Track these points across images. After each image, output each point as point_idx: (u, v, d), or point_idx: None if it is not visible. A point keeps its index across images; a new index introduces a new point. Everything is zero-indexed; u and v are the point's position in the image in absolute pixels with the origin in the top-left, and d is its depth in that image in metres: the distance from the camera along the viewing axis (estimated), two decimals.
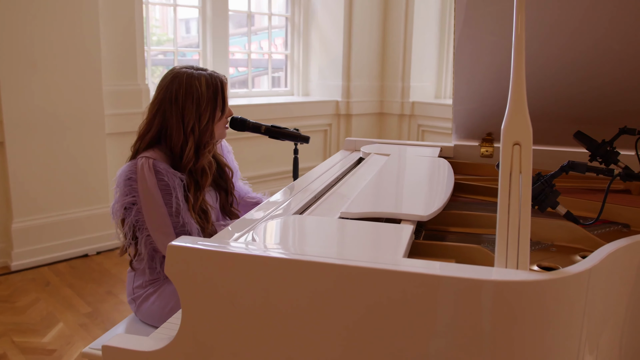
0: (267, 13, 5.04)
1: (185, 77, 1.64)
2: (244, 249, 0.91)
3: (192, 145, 1.63)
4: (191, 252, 0.94)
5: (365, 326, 0.85)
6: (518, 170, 0.95)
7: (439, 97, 5.40)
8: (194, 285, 0.94)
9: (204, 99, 1.63)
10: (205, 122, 1.65)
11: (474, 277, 0.83)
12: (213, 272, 0.93)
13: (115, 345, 1.03)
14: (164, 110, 1.63)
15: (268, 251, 0.90)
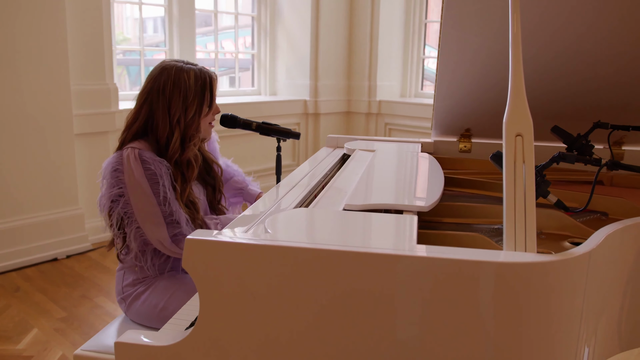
0: (234, 12, 5.02)
1: (174, 69, 1.64)
2: (267, 241, 0.93)
3: (177, 136, 1.63)
4: (210, 245, 0.95)
5: (394, 312, 0.89)
6: (521, 160, 1.00)
7: (404, 95, 5.51)
8: (212, 278, 0.95)
9: (192, 92, 1.63)
10: (191, 115, 1.64)
11: (492, 260, 0.88)
12: (233, 264, 0.94)
13: (128, 342, 1.03)
14: (151, 100, 1.63)
15: (291, 242, 0.92)
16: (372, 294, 0.89)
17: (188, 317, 1.25)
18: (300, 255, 0.90)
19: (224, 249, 0.94)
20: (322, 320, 0.92)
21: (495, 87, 1.91)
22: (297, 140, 1.96)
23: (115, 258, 3.36)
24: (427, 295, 0.89)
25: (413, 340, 0.90)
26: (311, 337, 0.93)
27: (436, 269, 0.88)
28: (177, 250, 1.61)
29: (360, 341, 0.91)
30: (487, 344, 0.89)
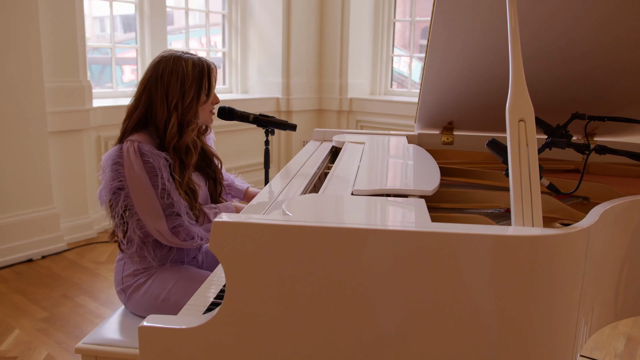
0: (205, 10, 5.01)
1: (172, 57, 1.68)
2: (295, 222, 0.98)
3: (175, 121, 1.66)
4: (238, 227, 0.98)
5: (418, 285, 0.95)
6: (525, 143, 1.08)
7: (374, 93, 5.61)
8: (240, 259, 0.99)
9: (189, 78, 1.67)
10: (188, 100, 1.67)
11: (508, 234, 0.95)
12: (261, 244, 0.98)
13: (152, 325, 1.05)
14: (150, 88, 1.66)
15: (319, 222, 0.97)
16: (398, 270, 0.95)
17: (201, 303, 1.28)
18: (327, 235, 0.95)
19: (252, 230, 0.98)
20: (350, 296, 0.97)
21: (477, 81, 2.01)
22: (293, 131, 1.99)
23: (94, 257, 3.36)
24: (447, 267, 0.95)
25: (436, 309, 0.96)
26: (341, 314, 0.98)
27: (456, 244, 0.94)
28: (177, 242, 1.63)
29: (389, 315, 0.97)
30: (500, 314, 0.96)
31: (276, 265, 0.98)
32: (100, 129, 3.82)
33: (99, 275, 3.20)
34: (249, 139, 4.93)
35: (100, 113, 3.77)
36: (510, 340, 0.98)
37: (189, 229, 1.62)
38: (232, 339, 1.02)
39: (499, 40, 1.80)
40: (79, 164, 3.65)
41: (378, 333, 0.97)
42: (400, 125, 4.95)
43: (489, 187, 1.75)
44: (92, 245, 3.66)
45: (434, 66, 1.89)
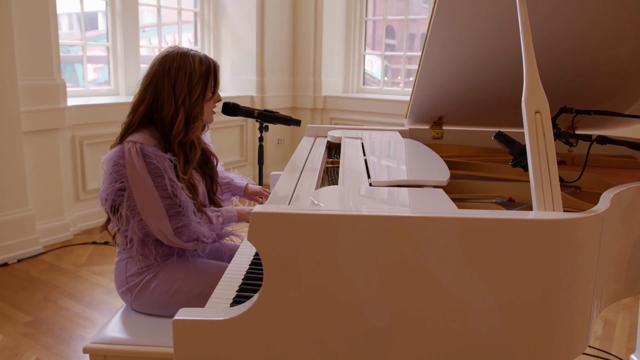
0: (177, 8, 4.95)
1: (179, 53, 1.68)
2: (333, 211, 1.00)
3: (182, 117, 1.66)
4: (278, 217, 1.00)
5: (454, 269, 0.99)
6: (542, 133, 1.14)
7: (347, 91, 5.67)
8: (279, 249, 1.01)
9: (197, 74, 1.67)
10: (195, 96, 1.67)
11: (537, 218, 1.00)
12: (301, 234, 1.00)
13: (187, 318, 1.06)
14: (157, 82, 1.65)
15: (360, 211, 1.00)
16: (444, 254, 0.99)
17: (225, 296, 1.29)
18: (367, 223, 0.98)
19: (292, 220, 1.00)
20: (389, 283, 1.00)
21: (469, 78, 2.08)
22: (297, 126, 2.01)
23: (73, 259, 3.29)
24: (481, 251, 1.00)
25: (470, 293, 1.01)
26: (381, 300, 1.01)
27: (499, 228, 0.99)
28: (179, 243, 1.63)
29: (427, 299, 1.00)
30: (530, 290, 1.02)
31: (315, 253, 1.00)
32: (75, 128, 3.73)
33: (80, 277, 3.13)
34: (225, 137, 4.91)
35: (75, 112, 3.69)
36: (537, 315, 1.04)
37: (193, 230, 1.61)
38: (271, 328, 1.03)
39: (493, 38, 1.88)
40: (54, 165, 3.56)
41: (421, 316, 1.01)
42: (374, 122, 5.02)
43: (486, 178, 1.82)
44: (70, 247, 3.57)
45: (430, 63, 1.94)
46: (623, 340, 2.51)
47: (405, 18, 5.34)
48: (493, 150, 2.22)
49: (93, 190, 3.92)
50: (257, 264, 1.48)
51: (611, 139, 1.61)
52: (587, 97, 2.22)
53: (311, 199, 1.13)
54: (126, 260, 1.72)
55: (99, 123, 3.89)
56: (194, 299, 1.65)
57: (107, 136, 3.96)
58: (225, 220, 1.72)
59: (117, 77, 4.44)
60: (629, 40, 2.07)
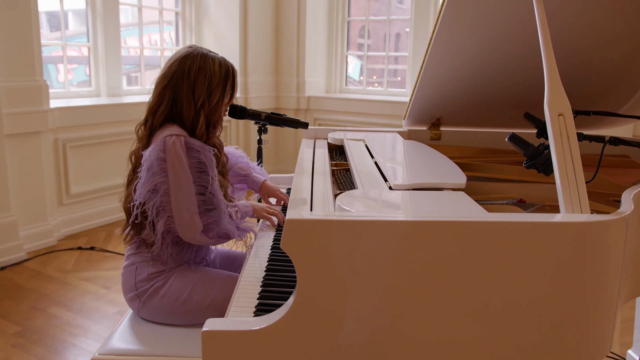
0: (158, 7, 4.86)
1: (199, 54, 1.63)
2: (368, 216, 0.99)
3: (203, 121, 1.62)
4: (313, 224, 0.99)
5: (490, 273, 0.99)
6: (566, 135, 1.15)
7: (330, 91, 5.66)
8: (313, 256, 0.99)
9: (216, 77, 1.63)
10: (215, 101, 1.63)
11: (570, 221, 1.01)
12: (335, 241, 0.99)
13: (217, 329, 1.03)
14: (175, 83, 1.61)
15: (394, 216, 0.99)
16: (474, 258, 0.99)
17: (247, 305, 1.26)
18: (407, 227, 0.97)
19: (327, 226, 0.99)
20: (426, 287, 1.00)
21: (470, 79, 2.09)
22: (305, 129, 1.99)
23: (59, 266, 3.21)
24: (517, 253, 1.00)
25: (503, 297, 1.01)
26: (417, 304, 1.00)
27: (538, 232, 1.00)
28: (204, 240, 1.60)
29: (465, 303, 1.00)
30: (562, 293, 1.03)
31: (351, 260, 0.99)
32: (58, 130, 3.63)
33: (68, 284, 3.05)
34: None
35: (58, 114, 3.59)
36: (567, 317, 1.04)
37: (223, 227, 1.59)
38: (305, 337, 1.02)
39: (496, 40, 1.90)
40: (36, 168, 3.46)
41: (460, 321, 1.01)
42: (357, 123, 5.03)
43: (493, 179, 1.83)
44: (54, 253, 3.48)
45: (433, 64, 1.94)
46: (616, 335, 2.56)
47: (387, 18, 5.36)
48: (492, 150, 2.24)
49: (77, 195, 3.82)
50: (272, 270, 1.45)
51: (623, 139, 1.64)
52: (582, 98, 2.26)
53: (338, 205, 1.12)
54: (136, 265, 1.67)
55: (82, 125, 3.79)
56: (204, 309, 1.62)
57: (91, 139, 3.88)
58: (242, 215, 1.70)
59: (99, 78, 4.34)
60: (623, 41, 2.11)
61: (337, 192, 1.44)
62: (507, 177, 1.83)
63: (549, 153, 1.44)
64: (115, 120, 4.03)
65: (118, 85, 4.39)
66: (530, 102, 2.17)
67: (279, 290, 1.32)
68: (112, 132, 4.01)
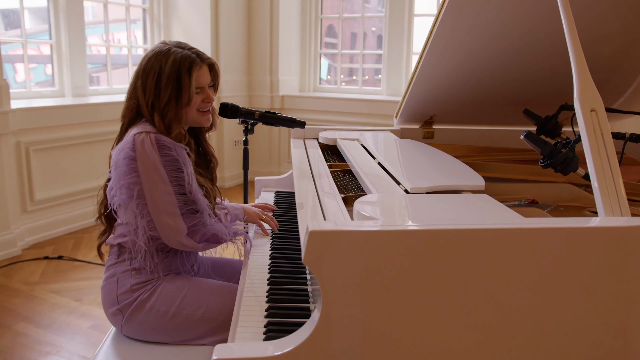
0: (124, 4, 4.65)
1: (155, 52, 1.51)
2: (407, 225, 0.89)
3: (159, 121, 1.49)
4: (340, 235, 0.87)
5: (539, 283, 0.90)
6: (600, 132, 1.07)
7: (304, 90, 5.55)
8: (339, 271, 0.88)
9: (165, 76, 1.48)
10: (165, 100, 1.49)
11: (614, 225, 0.93)
12: (364, 253, 0.88)
13: (232, 357, 0.91)
14: (136, 81, 1.53)
15: (433, 224, 0.88)
16: (515, 266, 0.89)
17: (254, 324, 1.14)
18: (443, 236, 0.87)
19: (355, 238, 0.88)
20: (463, 300, 0.90)
21: (465, 77, 2.02)
22: (302, 128, 1.87)
23: (24, 277, 3.01)
24: (559, 260, 0.91)
25: (546, 305, 0.92)
26: (454, 318, 0.90)
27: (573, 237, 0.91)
28: (192, 245, 1.47)
29: (505, 313, 0.91)
30: (609, 301, 0.95)
31: (381, 273, 0.88)
32: (20, 133, 3.40)
33: (36, 297, 2.84)
34: None
35: (20, 115, 3.36)
36: (611, 325, 0.97)
37: (209, 228, 1.47)
38: (334, 356, 0.91)
39: (495, 38, 1.82)
40: None
41: (502, 333, 0.91)
42: (333, 122, 4.93)
43: (497, 179, 1.75)
44: (19, 264, 3.25)
45: (430, 62, 1.86)
46: None
47: (362, 16, 5.29)
48: (487, 149, 2.17)
49: (41, 201, 3.59)
50: (276, 282, 1.34)
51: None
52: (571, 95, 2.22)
53: (358, 212, 1.01)
54: (117, 276, 1.52)
55: (46, 127, 3.57)
56: (195, 323, 1.49)
57: (56, 141, 3.66)
58: (232, 218, 1.58)
59: (63, 78, 4.11)
60: (614, 37, 2.08)
61: (342, 197, 1.33)
62: (512, 176, 1.76)
63: (569, 152, 1.37)
64: (82, 122, 3.82)
65: (83, 85, 4.17)
66: (525, 100, 2.12)
67: (288, 306, 1.21)
68: (78, 134, 3.80)
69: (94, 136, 3.88)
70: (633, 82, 2.26)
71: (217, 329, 1.49)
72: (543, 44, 1.88)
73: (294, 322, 1.11)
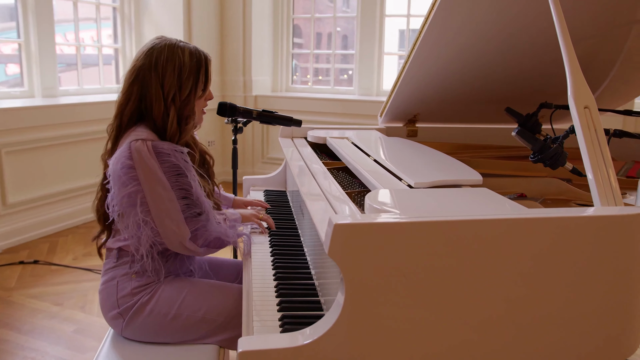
0: (94, 2, 4.57)
1: (167, 45, 1.50)
2: (425, 217, 0.93)
3: (174, 116, 1.49)
4: (363, 228, 0.91)
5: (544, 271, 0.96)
6: (593, 127, 1.14)
7: (276, 90, 5.56)
8: (362, 263, 0.92)
9: (186, 68, 1.50)
10: (186, 93, 1.50)
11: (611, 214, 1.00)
12: (386, 244, 0.92)
13: (257, 349, 0.94)
14: (143, 77, 1.48)
15: (450, 216, 0.93)
16: (525, 254, 0.95)
17: (269, 318, 1.17)
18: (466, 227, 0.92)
19: (377, 230, 0.92)
20: (479, 288, 0.95)
21: (451, 76, 2.09)
22: (298, 127, 1.89)
23: (1, 283, 2.90)
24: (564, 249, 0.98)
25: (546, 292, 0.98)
26: (470, 306, 0.95)
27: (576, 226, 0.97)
28: (195, 249, 1.48)
29: (515, 299, 0.96)
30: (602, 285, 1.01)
31: (401, 264, 0.93)
32: None
33: (14, 302, 2.77)
34: None
35: None
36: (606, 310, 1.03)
37: (212, 231, 1.47)
38: (353, 349, 0.94)
39: (483, 38, 1.89)
40: None
41: (511, 318, 0.97)
42: (306, 122, 4.92)
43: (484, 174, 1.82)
44: None
45: (418, 61, 1.91)
46: None
47: (333, 16, 5.34)
48: (469, 146, 2.25)
49: (15, 204, 3.50)
50: (282, 278, 1.36)
51: (627, 132, 1.67)
52: (549, 94, 2.32)
53: (371, 205, 1.05)
54: (117, 280, 1.52)
55: (18, 129, 3.49)
56: (196, 324, 1.50)
57: (27, 143, 3.57)
58: (230, 222, 1.59)
59: (32, 78, 4.01)
60: (585, 39, 2.18)
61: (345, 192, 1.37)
62: (498, 172, 1.84)
63: (558, 147, 1.45)
64: (54, 123, 3.74)
65: (54, 86, 4.08)
66: (506, 98, 2.20)
67: (298, 300, 1.24)
68: (51, 135, 3.72)
69: (66, 137, 3.81)
70: (603, 82, 2.37)
71: (218, 330, 1.50)
72: (524, 46, 1.96)
73: (309, 314, 1.14)
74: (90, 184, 4.02)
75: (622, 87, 2.33)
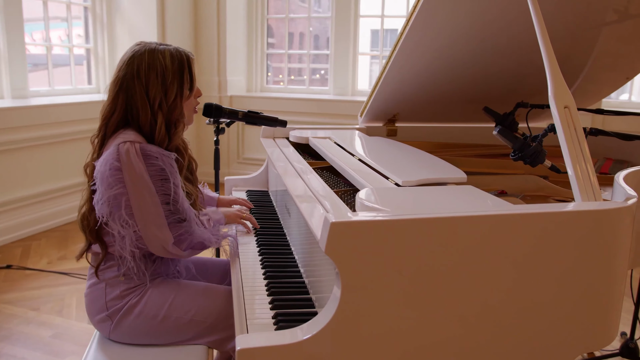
0: (65, 1, 4.48)
1: (147, 50, 1.50)
2: (420, 214, 0.96)
3: (162, 123, 1.48)
4: (360, 226, 0.94)
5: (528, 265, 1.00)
6: (573, 126, 1.19)
7: (251, 90, 5.55)
8: (358, 260, 0.94)
9: (169, 72, 1.49)
10: (172, 98, 1.50)
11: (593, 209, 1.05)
12: (382, 242, 0.94)
13: (256, 346, 0.95)
14: (127, 87, 1.47)
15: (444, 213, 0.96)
16: (511, 250, 0.99)
17: (264, 316, 1.18)
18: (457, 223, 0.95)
19: (373, 228, 0.94)
20: (469, 284, 0.98)
21: (431, 77, 2.13)
22: (284, 127, 1.90)
23: None
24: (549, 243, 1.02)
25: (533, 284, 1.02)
26: (461, 301, 0.99)
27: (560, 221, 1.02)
28: (177, 252, 1.47)
29: (504, 294, 1.00)
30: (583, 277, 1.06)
31: (397, 261, 0.95)
32: None
33: None
34: None
35: None
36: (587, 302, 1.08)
37: (196, 236, 1.47)
38: (352, 343, 0.97)
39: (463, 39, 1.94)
40: None
41: (502, 312, 1.00)
42: None
43: None
44: None
45: (399, 61, 1.95)
46: None
47: (308, 16, 5.36)
48: (450, 145, 2.30)
49: None
50: (272, 277, 1.38)
51: (603, 130, 1.74)
52: (524, 93, 2.38)
53: (363, 203, 1.08)
54: (106, 282, 1.51)
55: None
56: (184, 325, 1.50)
57: None
58: (214, 223, 1.59)
59: (1, 78, 3.91)
60: (559, 40, 2.25)
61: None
62: (477, 170, 1.88)
63: (537, 146, 1.50)
64: (26, 125, 3.66)
65: (24, 87, 3.99)
66: (484, 98, 2.26)
67: (290, 297, 1.25)
68: (22, 137, 3.64)
69: (37, 140, 3.73)
70: (574, 83, 2.45)
71: (207, 331, 1.50)
72: (502, 47, 2.02)
73: (301, 312, 1.16)
74: (64, 186, 3.95)
75: (592, 88, 2.42)
